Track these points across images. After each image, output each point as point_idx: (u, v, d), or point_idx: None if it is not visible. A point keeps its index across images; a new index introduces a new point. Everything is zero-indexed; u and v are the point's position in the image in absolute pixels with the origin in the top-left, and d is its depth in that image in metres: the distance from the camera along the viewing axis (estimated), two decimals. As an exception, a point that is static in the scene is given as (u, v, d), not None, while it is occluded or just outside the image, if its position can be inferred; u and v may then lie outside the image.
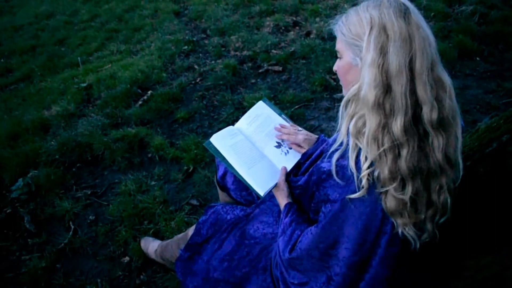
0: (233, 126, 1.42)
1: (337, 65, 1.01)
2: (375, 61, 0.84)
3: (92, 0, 6.01)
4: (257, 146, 1.35)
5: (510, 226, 1.15)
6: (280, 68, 3.28)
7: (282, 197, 1.21)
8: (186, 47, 3.82)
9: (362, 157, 0.88)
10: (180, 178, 2.30)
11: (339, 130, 0.97)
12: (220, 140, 1.32)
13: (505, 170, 1.19)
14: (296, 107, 2.79)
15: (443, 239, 0.98)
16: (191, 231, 1.48)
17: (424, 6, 3.78)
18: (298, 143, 1.34)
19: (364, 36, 0.86)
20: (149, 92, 3.14)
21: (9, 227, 2.09)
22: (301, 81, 3.10)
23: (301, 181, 1.17)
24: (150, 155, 2.50)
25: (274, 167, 1.30)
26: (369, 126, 0.86)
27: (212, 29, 4.13)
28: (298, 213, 1.14)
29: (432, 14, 3.67)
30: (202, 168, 2.34)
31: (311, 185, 1.08)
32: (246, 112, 1.44)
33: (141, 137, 2.59)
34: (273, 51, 3.53)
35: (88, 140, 2.56)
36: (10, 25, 5.68)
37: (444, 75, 0.87)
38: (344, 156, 0.93)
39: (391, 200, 0.87)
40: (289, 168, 1.30)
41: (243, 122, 1.42)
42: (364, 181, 0.87)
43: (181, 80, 3.27)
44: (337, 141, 0.97)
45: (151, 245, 1.81)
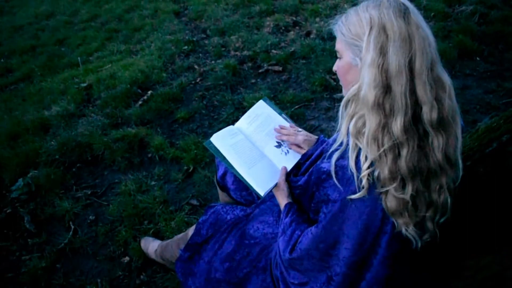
0: (233, 125, 1.42)
1: (337, 65, 1.01)
2: (374, 61, 0.84)
3: (92, 0, 6.01)
4: (257, 146, 1.35)
5: (510, 226, 1.15)
6: (280, 68, 3.28)
7: (282, 197, 1.21)
8: (186, 47, 3.82)
9: (362, 157, 0.88)
10: (180, 178, 2.30)
11: (339, 130, 0.97)
12: (221, 140, 1.31)
13: (505, 170, 1.19)
14: (296, 107, 2.79)
15: (443, 239, 0.98)
16: (191, 231, 1.48)
17: (424, 6, 3.78)
18: (297, 144, 1.34)
19: (364, 36, 0.87)
20: (149, 92, 3.14)
21: (9, 227, 2.09)
22: (301, 81, 3.10)
23: (301, 181, 1.17)
24: (150, 155, 2.50)
25: (274, 167, 1.30)
26: (369, 126, 0.86)
27: (212, 29, 4.13)
28: (298, 213, 1.14)
29: (432, 14, 3.67)
30: (202, 168, 2.34)
31: (311, 185, 1.08)
32: (246, 112, 1.44)
33: (141, 137, 2.59)
34: (273, 51, 3.53)
35: (88, 140, 2.56)
36: (10, 25, 5.68)
37: (444, 75, 0.88)
38: (344, 156, 0.93)
39: (391, 200, 0.87)
40: (289, 168, 1.29)
41: (243, 122, 1.42)
42: (364, 181, 0.87)
43: (181, 80, 3.27)
44: (337, 141, 0.97)
45: (151, 245, 1.81)
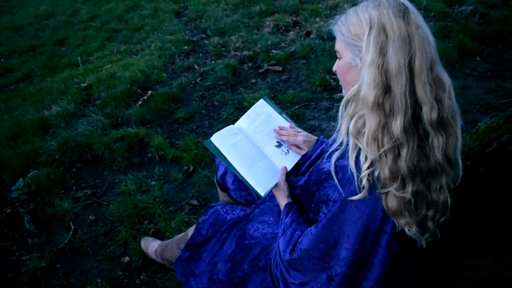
0: (233, 125, 1.42)
1: (336, 65, 1.01)
2: (374, 61, 0.84)
3: (92, 0, 6.01)
4: (257, 146, 1.34)
5: (510, 226, 1.15)
6: (280, 68, 3.28)
7: (282, 197, 1.21)
8: (186, 47, 3.82)
9: (362, 157, 0.88)
10: (180, 178, 2.30)
11: (339, 130, 0.97)
12: (221, 139, 1.31)
13: (505, 170, 1.19)
14: (296, 107, 2.79)
15: (443, 239, 0.98)
16: (191, 231, 1.48)
17: (424, 6, 3.78)
18: (297, 145, 1.34)
19: (364, 36, 0.86)
20: (149, 92, 3.14)
21: (9, 227, 2.09)
22: (301, 81, 3.10)
23: (301, 181, 1.17)
24: (150, 155, 2.50)
25: (274, 167, 1.30)
26: (368, 126, 0.86)
27: (212, 29, 4.13)
28: (299, 213, 1.14)
29: (432, 14, 3.67)
30: (202, 168, 2.34)
31: (311, 185, 1.08)
32: (246, 112, 1.44)
33: (141, 137, 2.59)
34: (273, 51, 3.53)
35: (88, 140, 2.56)
36: (10, 25, 5.68)
37: (444, 75, 0.87)
38: (344, 156, 0.93)
39: (392, 200, 0.87)
40: (289, 168, 1.29)
41: (243, 121, 1.41)
42: (364, 181, 0.87)
43: (181, 80, 3.27)
44: (336, 141, 0.97)
45: (151, 245, 1.81)
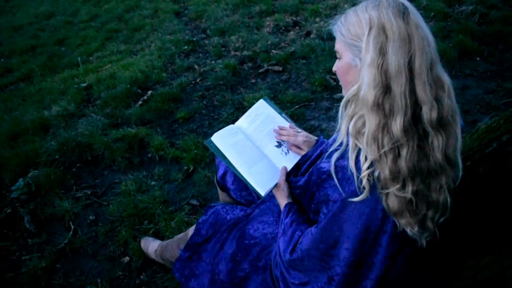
0: (233, 124, 1.42)
1: (336, 66, 1.01)
2: (374, 62, 0.84)
3: (92, 0, 6.01)
4: (257, 146, 1.34)
5: (510, 226, 1.15)
6: (280, 68, 3.28)
7: (282, 197, 1.21)
8: (186, 47, 3.82)
9: (362, 157, 0.88)
10: (180, 178, 2.30)
11: (339, 130, 0.97)
12: (221, 139, 1.31)
13: (505, 170, 1.19)
14: (296, 107, 2.79)
15: (443, 239, 0.98)
16: (191, 231, 1.48)
17: (424, 6, 3.78)
18: (297, 145, 1.34)
19: (363, 37, 0.86)
20: (149, 92, 3.14)
21: (9, 227, 2.09)
22: (301, 81, 3.10)
23: (301, 181, 1.17)
24: (150, 155, 2.50)
25: (275, 167, 1.30)
26: (368, 126, 0.86)
27: (212, 29, 4.13)
28: (299, 214, 1.14)
29: (432, 14, 3.67)
30: (202, 168, 2.34)
31: (311, 186, 1.07)
32: (246, 112, 1.44)
33: (141, 137, 2.59)
34: (273, 51, 3.53)
35: (88, 140, 2.56)
36: (10, 25, 5.68)
37: (444, 75, 0.87)
38: (344, 156, 0.93)
39: (393, 200, 0.87)
40: (289, 168, 1.29)
41: (243, 121, 1.41)
42: (365, 181, 0.87)
43: (181, 80, 3.27)
44: (336, 141, 0.97)
45: (151, 245, 1.81)
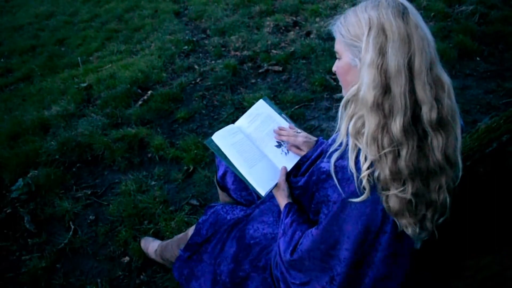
0: (233, 124, 1.42)
1: (336, 66, 1.01)
2: (374, 62, 0.84)
3: (92, 0, 6.01)
4: (257, 146, 1.34)
5: (510, 226, 1.15)
6: (280, 68, 3.28)
7: (282, 197, 1.21)
8: (186, 47, 3.82)
9: (362, 158, 0.88)
10: (180, 178, 2.30)
11: (339, 130, 0.97)
12: (222, 138, 1.31)
13: (505, 170, 1.19)
14: (296, 107, 2.79)
15: (443, 239, 0.98)
16: (191, 231, 1.48)
17: (424, 6, 3.78)
18: (297, 145, 1.34)
19: (363, 37, 0.86)
20: (149, 92, 3.14)
21: (9, 227, 2.09)
22: (301, 81, 3.10)
23: (301, 181, 1.17)
24: (150, 155, 2.50)
25: (274, 167, 1.30)
26: (368, 126, 0.86)
27: (212, 29, 4.13)
28: (299, 214, 1.14)
29: (432, 14, 3.67)
30: (202, 168, 2.34)
31: (311, 186, 1.07)
32: (246, 112, 1.44)
33: (141, 137, 2.59)
34: (273, 51, 3.53)
35: (88, 140, 2.56)
36: (10, 25, 5.68)
37: (443, 75, 0.87)
38: (344, 156, 0.93)
39: (394, 201, 0.87)
40: (289, 168, 1.29)
41: (243, 121, 1.41)
42: (365, 181, 0.87)
43: (181, 80, 3.27)
44: (336, 141, 0.97)
45: (151, 245, 1.81)
